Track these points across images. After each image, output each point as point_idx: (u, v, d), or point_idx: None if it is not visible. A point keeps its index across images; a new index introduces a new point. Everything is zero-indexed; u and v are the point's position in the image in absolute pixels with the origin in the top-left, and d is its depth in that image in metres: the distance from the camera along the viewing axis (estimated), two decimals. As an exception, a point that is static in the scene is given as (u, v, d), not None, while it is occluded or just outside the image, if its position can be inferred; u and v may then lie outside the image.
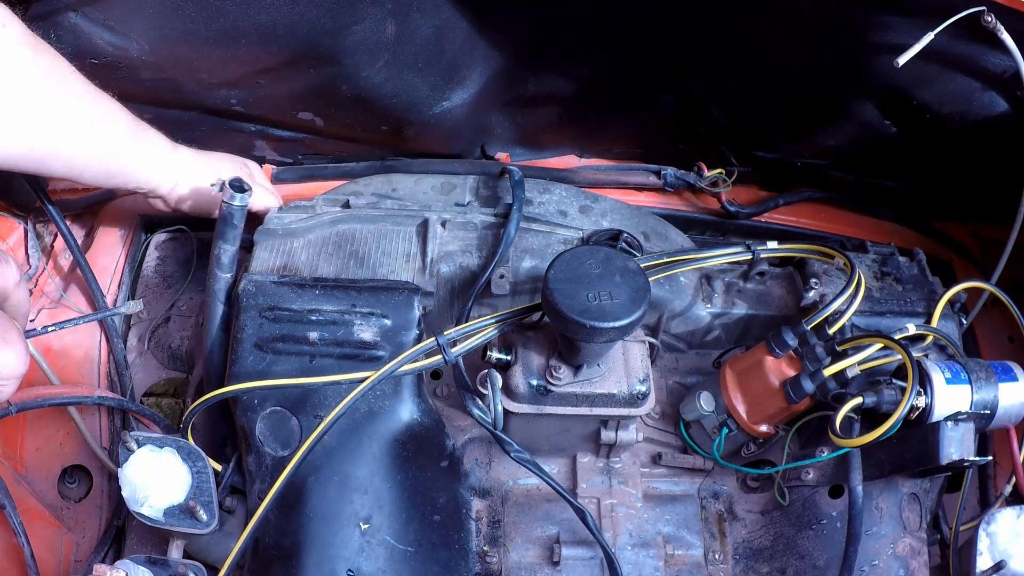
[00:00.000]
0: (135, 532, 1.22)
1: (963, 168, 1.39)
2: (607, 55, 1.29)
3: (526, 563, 1.23)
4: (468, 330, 1.12)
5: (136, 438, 1.08)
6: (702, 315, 1.34)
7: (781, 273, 1.37)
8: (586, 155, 1.54)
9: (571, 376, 1.14)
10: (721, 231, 1.57)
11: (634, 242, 1.29)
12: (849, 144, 1.40)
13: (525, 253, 1.28)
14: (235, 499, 1.18)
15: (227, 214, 1.12)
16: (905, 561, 1.18)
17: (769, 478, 1.29)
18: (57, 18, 1.04)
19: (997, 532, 1.13)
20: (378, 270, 1.24)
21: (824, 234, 1.55)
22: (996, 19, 1.02)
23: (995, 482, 1.36)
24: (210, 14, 1.06)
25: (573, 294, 1.02)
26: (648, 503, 1.29)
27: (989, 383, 1.13)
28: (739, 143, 1.47)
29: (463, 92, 1.32)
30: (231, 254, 1.15)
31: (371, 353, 1.13)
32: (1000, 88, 1.18)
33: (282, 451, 1.12)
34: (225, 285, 1.16)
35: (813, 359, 1.16)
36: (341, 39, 1.13)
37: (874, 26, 1.12)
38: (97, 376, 1.35)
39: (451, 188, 1.38)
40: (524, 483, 1.29)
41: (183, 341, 1.40)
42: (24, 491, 1.22)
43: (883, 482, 1.20)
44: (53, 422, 1.29)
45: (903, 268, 1.34)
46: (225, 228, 1.13)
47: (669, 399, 1.36)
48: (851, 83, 1.27)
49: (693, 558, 1.26)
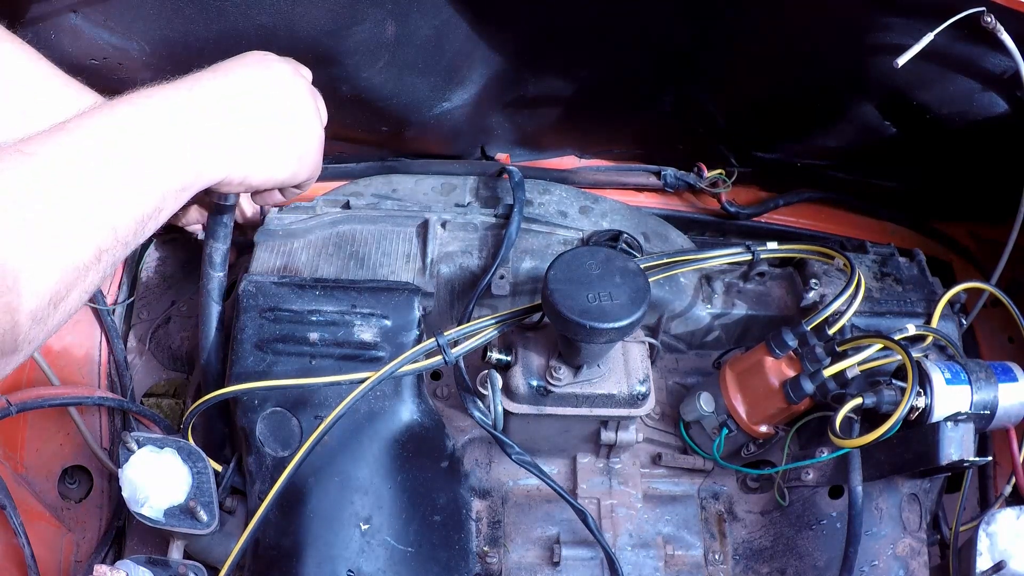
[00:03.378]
0: (135, 532, 1.22)
1: (963, 168, 1.39)
2: (607, 55, 1.29)
3: (526, 563, 1.23)
4: (468, 331, 1.12)
5: (136, 439, 1.08)
6: (702, 316, 1.34)
7: (781, 274, 1.37)
8: (586, 155, 1.54)
9: (571, 377, 1.14)
10: (721, 232, 1.57)
11: (634, 243, 1.29)
12: (849, 144, 1.40)
13: (525, 254, 1.28)
14: (235, 499, 1.18)
15: (217, 213, 1.13)
16: (905, 561, 1.18)
17: (769, 478, 1.29)
18: (57, 18, 1.04)
19: (997, 532, 1.13)
20: (378, 271, 1.24)
21: (824, 234, 1.55)
22: (996, 19, 1.01)
23: (995, 482, 1.36)
24: (210, 15, 1.06)
25: (573, 295, 1.02)
26: (648, 503, 1.29)
27: (989, 383, 1.13)
28: (739, 143, 1.47)
29: (463, 93, 1.32)
30: (223, 253, 1.15)
31: (371, 354, 1.13)
32: (1000, 88, 1.18)
33: (282, 452, 1.12)
34: (218, 284, 1.16)
35: (813, 359, 1.16)
36: (341, 40, 1.13)
37: (874, 26, 1.12)
38: (97, 376, 1.35)
39: (451, 189, 1.38)
40: (524, 484, 1.29)
41: (183, 342, 1.40)
42: (24, 491, 1.22)
43: (883, 482, 1.20)
44: (53, 422, 1.29)
45: (903, 268, 1.35)
46: (216, 227, 1.13)
47: (669, 400, 1.36)
48: (851, 83, 1.27)
49: (693, 558, 1.26)
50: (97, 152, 0.71)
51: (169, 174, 0.77)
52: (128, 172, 0.73)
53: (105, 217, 0.71)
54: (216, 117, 0.83)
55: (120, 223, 0.72)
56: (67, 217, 0.68)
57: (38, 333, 0.68)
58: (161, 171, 0.76)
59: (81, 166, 0.70)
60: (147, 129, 0.76)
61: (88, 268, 0.70)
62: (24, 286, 0.65)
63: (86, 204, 0.69)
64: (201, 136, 0.81)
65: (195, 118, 0.81)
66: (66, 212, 0.68)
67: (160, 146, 0.76)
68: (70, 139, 0.71)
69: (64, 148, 0.70)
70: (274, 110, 0.92)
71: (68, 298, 0.69)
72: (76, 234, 0.69)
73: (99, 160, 0.71)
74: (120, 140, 0.74)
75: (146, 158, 0.75)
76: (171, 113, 0.79)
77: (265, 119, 0.91)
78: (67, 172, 0.69)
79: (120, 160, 0.73)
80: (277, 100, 0.93)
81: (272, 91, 0.92)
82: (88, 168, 0.70)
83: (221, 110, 0.84)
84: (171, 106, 0.80)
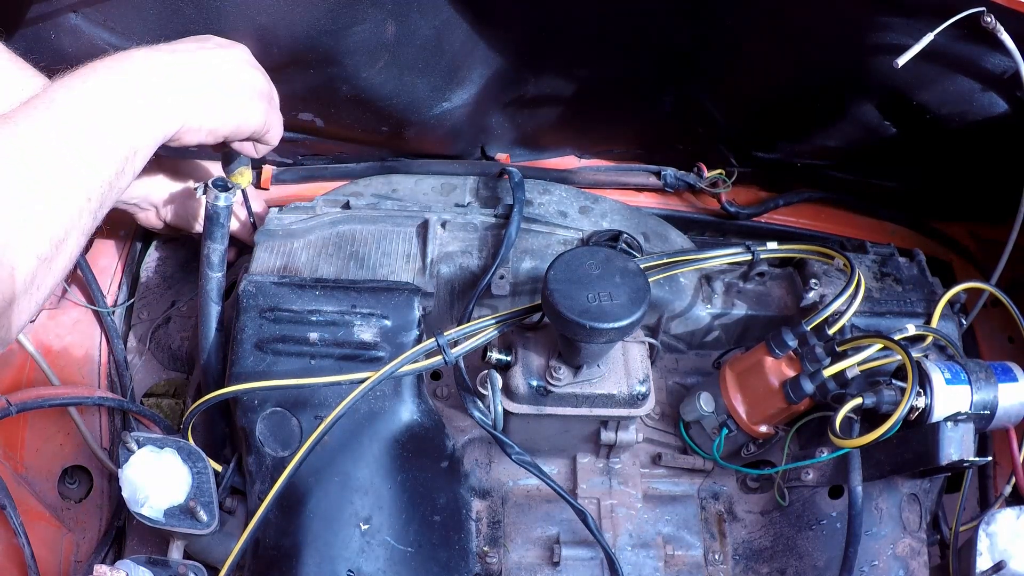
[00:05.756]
0: (135, 532, 1.22)
1: (963, 168, 1.39)
2: (607, 55, 1.29)
3: (526, 563, 1.23)
4: (468, 331, 1.12)
5: (136, 439, 1.08)
6: (702, 316, 1.34)
7: (781, 274, 1.37)
8: (586, 156, 1.54)
9: (571, 377, 1.14)
10: (721, 232, 1.57)
11: (634, 243, 1.29)
12: (849, 144, 1.40)
13: (525, 254, 1.28)
14: (235, 500, 1.18)
15: (213, 214, 1.13)
16: (905, 561, 1.18)
17: (769, 478, 1.29)
18: (57, 18, 1.04)
19: (997, 532, 1.13)
20: (378, 271, 1.24)
21: (824, 234, 1.55)
22: (996, 19, 1.01)
23: (995, 482, 1.36)
24: (210, 15, 1.06)
25: (573, 295, 1.02)
26: (648, 503, 1.29)
27: (989, 383, 1.13)
28: (739, 143, 1.47)
29: (463, 93, 1.32)
30: (220, 253, 1.16)
31: (371, 354, 1.13)
32: (1000, 88, 1.18)
33: (282, 452, 1.12)
34: (217, 284, 1.17)
35: (813, 360, 1.16)
36: (341, 40, 1.13)
37: (874, 26, 1.12)
38: (97, 376, 1.35)
39: (451, 189, 1.38)
40: (524, 484, 1.29)
41: (183, 342, 1.40)
42: (24, 491, 1.22)
43: (883, 482, 1.20)
44: (53, 422, 1.29)
45: (903, 268, 1.35)
46: (213, 227, 1.14)
47: (669, 400, 1.36)
48: (851, 83, 1.27)
49: (693, 558, 1.26)
50: (75, 115, 0.86)
51: (137, 122, 0.92)
52: (102, 128, 0.88)
53: (90, 167, 0.85)
54: (167, 78, 0.97)
55: (103, 167, 0.87)
56: (57, 171, 0.82)
57: (45, 275, 0.81)
58: (130, 121, 0.91)
59: (63, 126, 0.84)
60: (111, 94, 0.91)
61: (82, 211, 0.84)
62: (28, 231, 0.78)
63: (71, 159, 0.83)
64: (157, 92, 0.95)
65: (151, 81, 0.95)
66: (56, 167, 0.82)
67: (124, 104, 0.91)
68: (50, 107, 0.85)
69: (46, 113, 0.84)
70: (212, 63, 1.04)
71: (68, 240, 0.82)
72: (67, 184, 0.83)
73: (79, 121, 0.86)
74: (91, 105, 0.88)
75: (115, 113, 0.90)
76: (131, 80, 0.93)
77: (206, 72, 1.03)
78: (51, 133, 0.83)
79: (93, 121, 0.87)
80: (214, 57, 1.05)
81: (208, 51, 1.05)
82: (69, 126, 0.85)
83: (169, 72, 0.98)
84: (128, 75, 0.94)
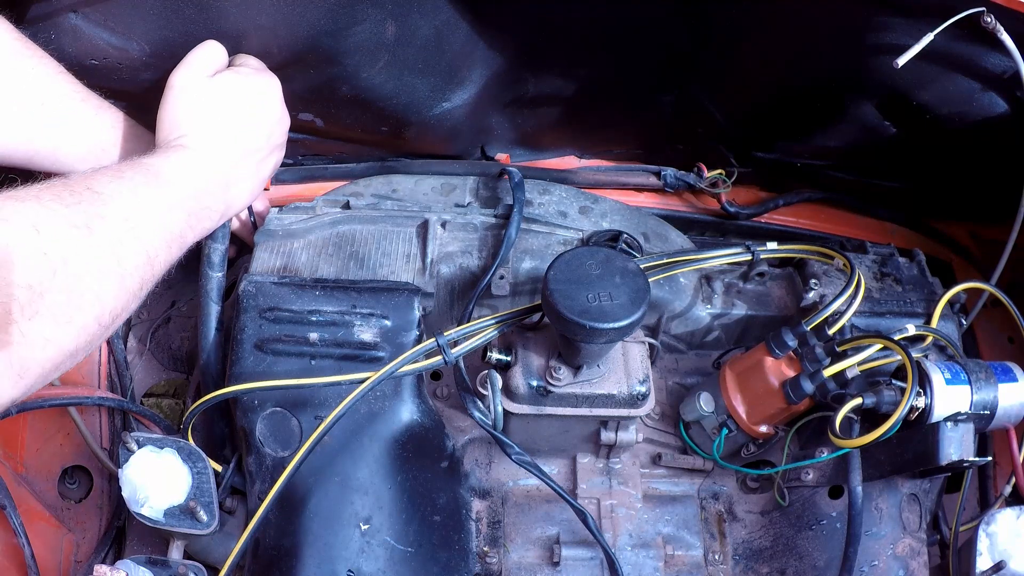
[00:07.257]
0: (135, 532, 1.22)
1: (963, 168, 1.39)
2: (607, 55, 1.29)
3: (526, 564, 1.24)
4: (468, 331, 1.12)
5: (136, 439, 1.08)
6: (702, 316, 1.34)
7: (781, 274, 1.37)
8: (586, 156, 1.54)
9: (571, 377, 1.14)
10: (721, 232, 1.57)
11: (634, 243, 1.29)
12: (849, 144, 1.40)
13: (525, 254, 1.28)
14: (235, 500, 1.18)
15: None
16: (905, 561, 1.18)
17: (769, 479, 1.29)
18: (57, 18, 1.04)
19: (997, 532, 1.13)
20: (378, 271, 1.24)
21: (824, 235, 1.55)
22: (996, 19, 1.01)
23: (995, 482, 1.35)
24: (210, 15, 1.06)
25: (573, 295, 1.02)
26: (648, 504, 1.29)
27: (989, 384, 1.13)
28: (739, 143, 1.47)
29: (463, 93, 1.32)
30: (221, 253, 1.16)
31: (371, 354, 1.13)
32: (1000, 88, 1.18)
33: (282, 452, 1.12)
34: (217, 284, 1.17)
35: (813, 360, 1.16)
36: (341, 40, 1.13)
37: (874, 26, 1.12)
38: (97, 376, 1.35)
39: (451, 189, 1.38)
40: (524, 484, 1.29)
41: (183, 342, 1.40)
42: (24, 491, 1.22)
43: (883, 482, 1.20)
44: (53, 422, 1.29)
45: (903, 269, 1.35)
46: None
47: (669, 400, 1.36)
48: (851, 83, 1.27)
49: (693, 559, 1.26)
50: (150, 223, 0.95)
51: (198, 229, 1.04)
52: (171, 233, 0.98)
53: (151, 261, 0.94)
54: (207, 192, 1.04)
55: (160, 265, 0.97)
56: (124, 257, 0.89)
57: (101, 337, 0.89)
58: (171, 223, 0.99)
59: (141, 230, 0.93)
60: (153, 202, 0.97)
61: (133, 296, 0.92)
62: (106, 304, 0.86)
63: (144, 258, 0.93)
64: (197, 204, 1.03)
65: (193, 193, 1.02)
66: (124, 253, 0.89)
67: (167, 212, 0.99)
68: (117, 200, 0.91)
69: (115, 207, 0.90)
70: (254, 146, 1.11)
71: (120, 316, 0.90)
72: (131, 271, 0.91)
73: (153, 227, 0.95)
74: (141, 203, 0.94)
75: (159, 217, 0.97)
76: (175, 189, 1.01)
77: (247, 157, 1.10)
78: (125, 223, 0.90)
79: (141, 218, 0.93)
80: (255, 132, 1.11)
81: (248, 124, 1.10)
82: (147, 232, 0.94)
83: (228, 182, 1.07)
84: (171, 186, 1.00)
